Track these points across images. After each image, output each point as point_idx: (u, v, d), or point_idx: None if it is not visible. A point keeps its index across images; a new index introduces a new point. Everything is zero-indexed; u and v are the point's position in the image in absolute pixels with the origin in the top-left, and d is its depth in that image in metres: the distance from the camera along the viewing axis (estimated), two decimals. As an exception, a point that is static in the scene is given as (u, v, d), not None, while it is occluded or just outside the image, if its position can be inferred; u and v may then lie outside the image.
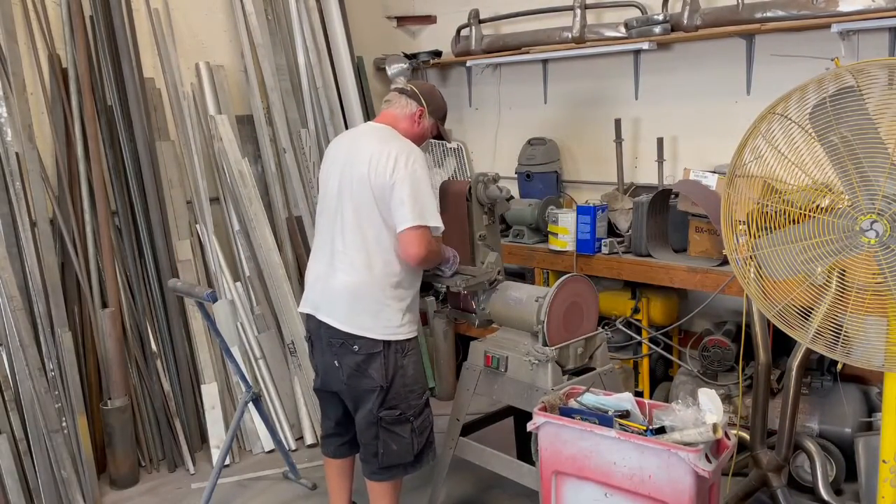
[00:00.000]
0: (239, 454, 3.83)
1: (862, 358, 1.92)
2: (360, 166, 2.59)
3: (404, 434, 2.68)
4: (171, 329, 3.76)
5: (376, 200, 2.56)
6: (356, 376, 2.65)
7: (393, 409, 2.66)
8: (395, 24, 5.06)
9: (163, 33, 3.92)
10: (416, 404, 2.70)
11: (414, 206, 2.51)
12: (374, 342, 2.61)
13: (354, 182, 2.60)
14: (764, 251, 2.03)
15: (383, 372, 2.62)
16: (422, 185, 2.54)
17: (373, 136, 2.68)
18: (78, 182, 3.61)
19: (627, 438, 2.15)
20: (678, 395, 2.44)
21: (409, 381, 2.68)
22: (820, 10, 3.15)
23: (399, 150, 2.57)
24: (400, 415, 2.67)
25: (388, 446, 2.68)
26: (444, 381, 4.44)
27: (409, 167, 2.53)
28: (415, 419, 2.69)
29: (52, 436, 3.28)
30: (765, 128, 1.96)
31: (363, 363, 2.62)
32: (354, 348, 2.62)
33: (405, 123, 2.74)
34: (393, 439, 2.67)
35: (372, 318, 2.61)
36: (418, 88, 2.79)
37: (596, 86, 4.20)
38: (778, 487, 2.87)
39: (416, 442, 2.70)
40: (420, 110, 2.75)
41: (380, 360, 2.62)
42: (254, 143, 4.21)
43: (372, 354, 2.61)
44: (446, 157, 4.80)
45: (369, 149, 2.60)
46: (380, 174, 2.54)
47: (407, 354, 2.68)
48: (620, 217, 3.73)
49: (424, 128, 2.79)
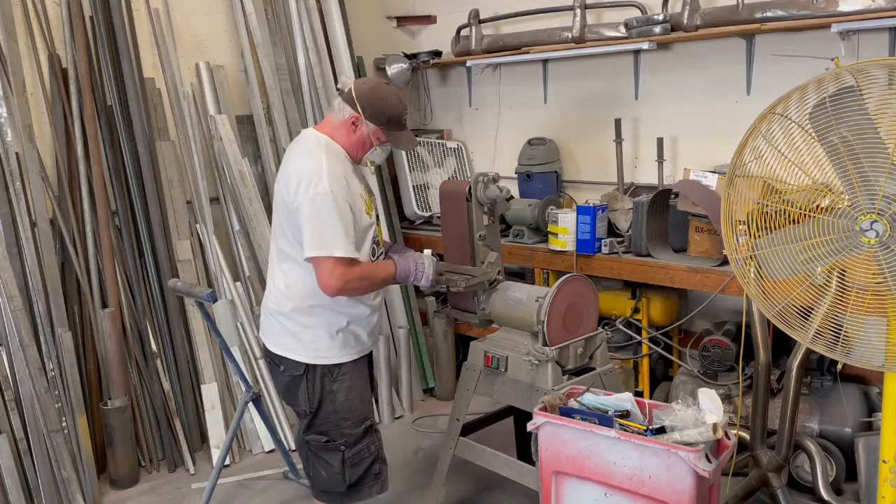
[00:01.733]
0: (239, 454, 3.83)
1: (862, 358, 1.92)
2: (279, 184, 2.45)
3: (333, 463, 2.52)
4: (171, 329, 3.76)
5: (288, 221, 2.41)
6: (286, 396, 2.59)
7: (320, 434, 2.52)
8: (395, 24, 5.06)
9: (163, 33, 3.92)
10: (349, 433, 2.52)
11: (312, 233, 2.30)
12: (297, 364, 2.48)
13: (277, 200, 2.48)
14: (764, 251, 2.03)
15: (306, 396, 2.49)
16: (323, 209, 2.29)
17: (300, 150, 2.48)
18: (78, 182, 3.62)
19: (627, 438, 2.15)
20: (678, 395, 2.45)
21: (339, 408, 2.50)
22: (820, 10, 3.15)
23: (311, 169, 2.35)
24: (327, 441, 2.51)
25: (316, 470, 2.56)
26: (444, 381, 4.44)
27: (312, 189, 2.30)
28: (347, 448, 2.51)
29: (52, 436, 3.28)
30: (765, 128, 1.96)
31: (289, 384, 2.53)
32: (280, 368, 2.53)
33: (341, 131, 2.48)
34: (322, 465, 2.54)
35: (293, 339, 2.49)
36: (357, 89, 2.45)
37: (596, 86, 4.20)
38: (778, 487, 2.87)
39: (348, 473, 2.52)
40: (354, 116, 2.44)
41: (303, 383, 2.49)
42: (254, 143, 4.22)
43: (296, 377, 2.50)
44: (446, 157, 4.80)
45: (289, 165, 2.45)
46: (289, 194, 2.37)
47: (337, 379, 2.50)
48: (620, 217, 3.73)
49: (362, 136, 2.48)
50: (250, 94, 4.17)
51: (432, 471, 3.11)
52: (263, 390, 3.88)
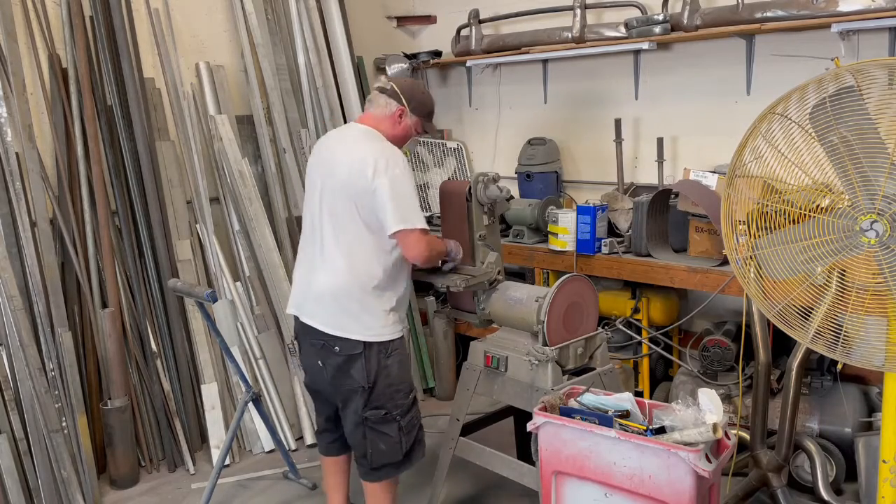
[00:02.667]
0: (239, 454, 3.83)
1: (862, 358, 1.92)
2: (340, 170, 2.60)
3: (391, 433, 2.67)
4: (171, 329, 3.76)
5: (356, 205, 2.56)
6: (339, 377, 2.66)
7: (378, 408, 2.66)
8: (395, 24, 5.06)
9: (163, 33, 3.92)
10: (402, 403, 2.69)
11: (396, 211, 2.52)
12: (355, 343, 2.61)
13: (336, 186, 2.61)
14: (764, 251, 2.03)
15: (364, 373, 2.62)
16: (402, 189, 2.54)
17: (354, 140, 2.68)
18: (78, 182, 3.62)
19: (627, 438, 2.15)
20: (678, 395, 2.45)
21: (393, 381, 2.67)
22: (820, 10, 3.15)
23: (379, 153, 2.56)
24: (385, 414, 2.66)
25: (376, 446, 2.68)
26: (444, 381, 4.44)
27: (390, 171, 2.52)
28: (401, 418, 2.69)
29: (52, 436, 3.28)
30: (765, 128, 1.96)
31: (344, 364, 2.63)
32: (336, 349, 2.63)
33: (386, 124, 2.71)
34: (381, 439, 2.67)
35: (352, 319, 2.61)
36: (399, 86, 2.74)
37: (596, 86, 4.20)
38: (778, 487, 2.87)
39: (404, 441, 2.70)
40: (400, 109, 2.71)
41: (361, 361, 2.61)
42: (254, 143, 4.22)
43: (353, 356, 2.62)
44: (446, 157, 4.80)
45: (350, 153, 2.61)
46: (360, 178, 2.53)
47: (391, 355, 2.66)
48: (620, 217, 3.72)
49: (407, 127, 2.75)
50: (250, 94, 4.17)
51: (432, 471, 3.11)
52: (263, 390, 3.88)
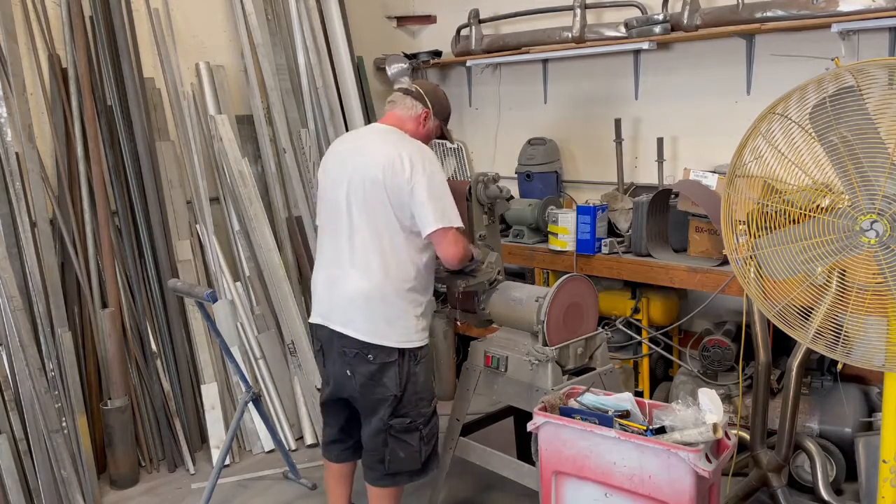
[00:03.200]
0: (239, 454, 3.83)
1: (862, 358, 1.92)
2: (373, 169, 2.53)
3: (412, 442, 2.66)
4: (171, 329, 3.76)
5: (392, 204, 2.53)
6: (370, 385, 2.61)
7: (403, 417, 2.64)
8: (395, 24, 5.06)
9: (163, 33, 3.92)
10: (425, 412, 2.69)
11: (436, 208, 2.50)
12: (390, 351, 2.57)
13: (367, 185, 2.54)
14: (764, 251, 2.03)
15: (397, 380, 2.59)
16: (440, 187, 2.54)
17: (383, 139, 2.63)
18: (78, 182, 3.62)
19: (627, 438, 2.15)
20: (678, 395, 2.44)
21: (419, 389, 2.66)
22: (820, 10, 3.15)
23: (413, 152, 2.55)
24: (410, 423, 2.65)
25: (395, 454, 2.66)
26: (444, 381, 4.41)
27: (427, 169, 2.52)
28: (424, 427, 2.68)
29: (52, 436, 3.28)
30: (765, 128, 1.96)
31: (377, 372, 2.59)
32: (369, 357, 2.58)
33: (411, 125, 2.71)
34: (401, 447, 2.65)
35: (388, 325, 2.57)
36: (423, 89, 2.76)
37: (596, 86, 4.20)
38: (778, 487, 2.87)
39: (423, 450, 2.69)
40: (426, 112, 2.72)
41: (395, 368, 2.59)
42: (254, 143, 4.21)
43: (387, 363, 2.58)
44: (446, 157, 4.80)
45: (382, 152, 2.55)
46: (396, 177, 2.49)
47: (420, 362, 2.66)
48: (620, 217, 3.72)
49: (429, 129, 2.76)
50: (250, 94, 4.17)
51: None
52: (263, 390, 3.88)
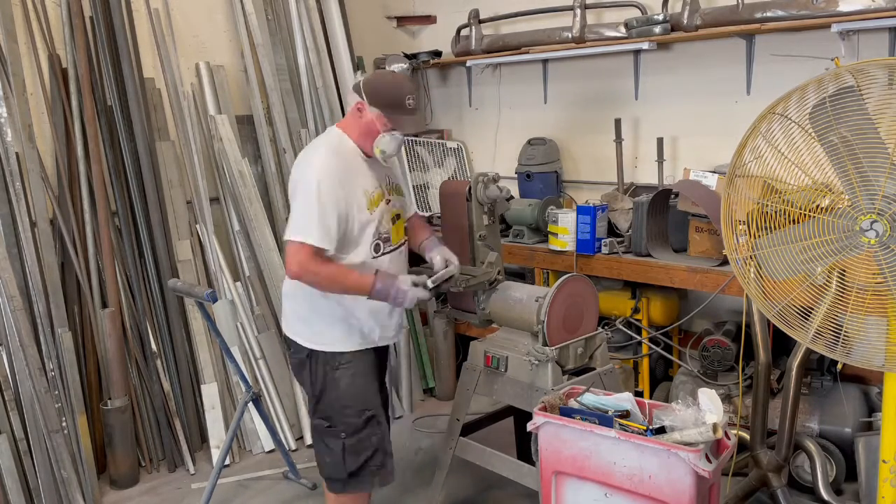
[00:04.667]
0: (239, 454, 3.83)
1: (862, 358, 1.92)
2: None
3: (334, 448, 2.59)
4: (171, 329, 3.76)
5: None
6: (297, 377, 2.72)
7: (324, 419, 2.61)
8: (395, 24, 5.06)
9: (163, 33, 3.92)
10: (351, 423, 2.59)
11: (290, 218, 2.46)
12: (301, 348, 2.61)
13: None
14: (764, 251, 2.03)
15: (310, 380, 2.61)
16: (305, 197, 2.41)
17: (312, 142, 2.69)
18: (78, 182, 3.62)
19: (627, 438, 2.15)
20: (678, 395, 2.45)
21: (342, 396, 2.58)
22: (820, 10, 3.15)
23: (304, 159, 2.53)
24: (329, 427, 2.60)
25: (321, 456, 2.66)
26: (444, 381, 4.44)
27: (306, 176, 2.44)
28: (347, 437, 2.58)
29: (52, 436, 3.28)
30: (765, 128, 1.96)
31: (297, 366, 2.67)
32: (291, 350, 2.70)
33: (351, 121, 2.59)
34: (324, 450, 2.63)
35: (302, 323, 2.61)
36: (364, 79, 2.61)
37: (596, 86, 4.20)
38: (778, 487, 2.87)
39: (348, 460, 2.59)
40: (359, 103, 2.54)
41: (308, 367, 2.61)
42: (254, 143, 4.21)
43: (301, 360, 2.62)
44: (446, 157, 4.80)
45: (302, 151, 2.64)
46: (292, 179, 2.55)
47: (339, 368, 2.57)
48: (620, 217, 3.72)
49: (368, 121, 2.52)
50: (250, 94, 4.16)
51: (432, 471, 3.11)
52: (263, 390, 3.88)
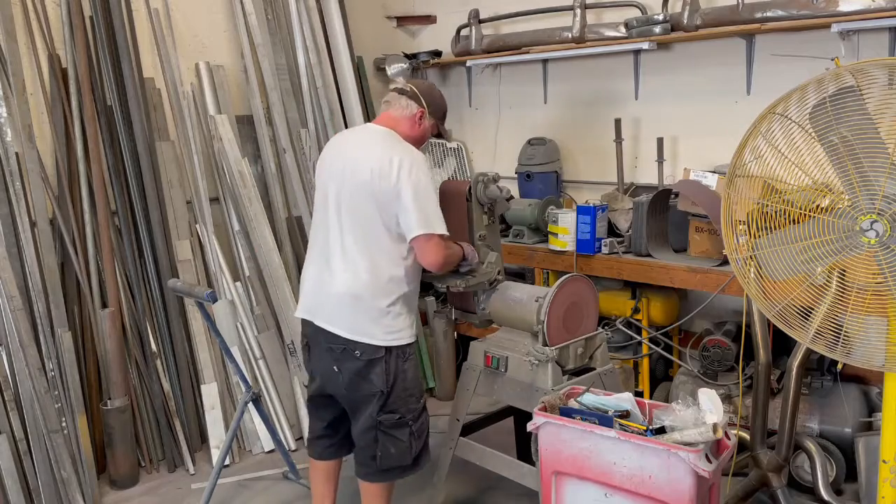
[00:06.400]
0: (239, 454, 3.83)
1: (862, 358, 1.92)
2: (362, 172, 2.54)
3: (403, 438, 2.67)
4: (171, 329, 3.76)
5: (378, 207, 2.54)
6: (356, 381, 2.63)
7: (392, 413, 2.64)
8: (395, 24, 5.06)
9: (163, 33, 3.91)
10: (414, 408, 2.69)
11: (419, 215, 2.51)
12: (376, 348, 2.59)
13: (357, 187, 2.56)
14: (764, 251, 2.03)
15: (384, 377, 2.61)
16: (426, 193, 2.54)
17: (374, 141, 2.63)
18: (78, 182, 3.61)
19: (627, 438, 2.15)
20: (678, 395, 2.44)
21: (409, 385, 2.67)
22: (820, 10, 3.15)
23: (402, 156, 2.54)
24: (399, 419, 2.65)
25: (386, 449, 2.67)
26: (444, 381, 4.44)
27: (414, 175, 2.51)
28: (413, 423, 2.68)
29: (52, 436, 3.28)
30: (765, 128, 1.96)
31: (364, 368, 2.61)
32: (356, 353, 2.60)
33: (405, 125, 2.70)
34: (391, 443, 2.66)
35: (374, 323, 2.59)
36: (418, 88, 2.75)
37: (596, 86, 4.20)
38: (778, 487, 2.87)
39: (414, 445, 2.69)
40: (420, 111, 2.71)
41: (381, 365, 2.60)
42: (254, 143, 4.21)
43: (373, 360, 2.60)
44: (446, 157, 4.80)
45: (372, 154, 2.56)
46: (383, 181, 2.50)
47: (408, 359, 2.67)
48: (620, 217, 3.73)
49: (425, 129, 2.75)
50: (250, 94, 4.16)
51: (432, 471, 3.11)
52: (263, 390, 3.88)
